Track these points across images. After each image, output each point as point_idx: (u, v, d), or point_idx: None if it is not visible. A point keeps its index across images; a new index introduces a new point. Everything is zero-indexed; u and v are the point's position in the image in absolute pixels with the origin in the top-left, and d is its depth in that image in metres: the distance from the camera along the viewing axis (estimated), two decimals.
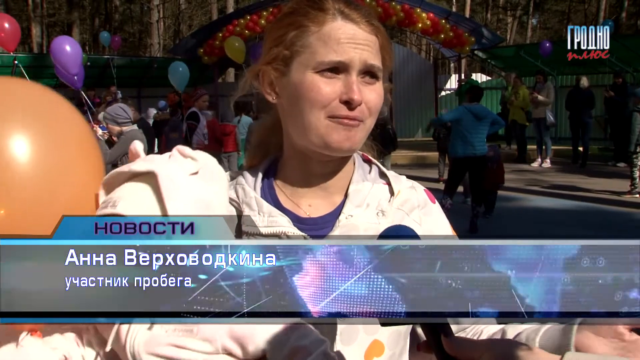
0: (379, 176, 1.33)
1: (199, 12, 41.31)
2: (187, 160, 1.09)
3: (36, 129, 1.08)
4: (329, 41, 1.16)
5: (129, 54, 36.17)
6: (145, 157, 1.12)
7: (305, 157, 1.25)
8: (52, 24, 39.72)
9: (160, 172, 1.05)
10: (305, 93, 1.17)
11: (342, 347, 1.17)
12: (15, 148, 1.05)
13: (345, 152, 1.20)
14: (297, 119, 1.20)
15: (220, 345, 1.04)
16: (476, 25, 22.07)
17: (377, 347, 1.19)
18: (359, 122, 1.17)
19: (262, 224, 1.21)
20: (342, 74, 1.16)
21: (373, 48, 1.19)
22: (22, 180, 1.05)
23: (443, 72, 27.69)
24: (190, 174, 1.08)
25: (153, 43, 35.29)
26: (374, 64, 1.18)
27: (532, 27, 45.08)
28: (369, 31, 1.19)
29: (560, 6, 43.95)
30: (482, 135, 8.44)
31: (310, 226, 1.24)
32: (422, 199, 1.32)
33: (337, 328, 1.17)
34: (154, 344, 1.06)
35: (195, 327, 1.04)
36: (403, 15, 18.67)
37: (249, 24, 19.57)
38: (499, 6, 44.30)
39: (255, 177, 1.31)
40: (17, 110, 1.08)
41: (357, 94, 1.14)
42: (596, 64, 16.79)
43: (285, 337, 1.02)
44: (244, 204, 1.25)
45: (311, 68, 1.17)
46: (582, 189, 11.84)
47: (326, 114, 1.16)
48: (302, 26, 1.19)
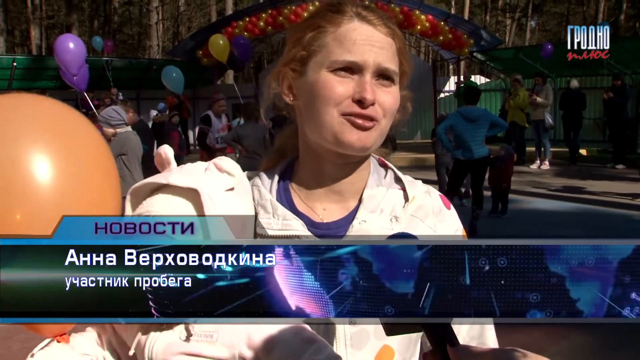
0: (394, 181, 1.32)
1: (197, 14, 41.35)
2: (224, 176, 1.08)
3: (56, 147, 1.09)
4: (345, 41, 1.17)
5: (127, 55, 36.19)
6: (182, 170, 1.10)
7: (319, 159, 1.25)
8: (51, 25, 39.72)
9: (202, 190, 1.03)
10: (319, 91, 1.17)
11: (352, 351, 1.17)
12: (35, 165, 1.06)
13: (358, 151, 1.19)
14: (312, 117, 1.20)
15: (238, 353, 1.04)
16: (475, 27, 22.09)
17: (388, 352, 1.19)
18: (373, 123, 1.17)
19: (277, 226, 1.22)
20: (357, 74, 1.16)
21: (389, 51, 1.19)
22: (41, 197, 1.06)
23: (442, 74, 27.74)
24: (226, 190, 1.07)
25: (152, 45, 35.29)
26: (388, 67, 1.18)
27: (531, 29, 45.13)
28: (385, 33, 1.19)
29: (559, 8, 44.00)
30: (478, 138, 8.39)
31: (324, 231, 1.24)
32: (437, 205, 1.31)
33: (347, 332, 1.18)
34: (169, 352, 1.06)
35: (215, 333, 1.04)
36: (402, 17, 18.67)
37: (247, 25, 19.57)
38: (497, 8, 44.37)
39: (272, 179, 1.31)
40: (38, 127, 1.09)
41: (370, 93, 1.14)
42: (595, 66, 16.81)
43: (301, 350, 1.02)
44: (259, 206, 1.25)
45: (326, 67, 1.17)
46: (581, 191, 11.84)
47: (339, 111, 1.16)
48: (319, 27, 1.21)
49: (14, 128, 1.08)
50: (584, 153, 17.99)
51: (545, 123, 15.03)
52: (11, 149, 1.05)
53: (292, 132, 1.35)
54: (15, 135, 1.07)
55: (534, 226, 8.99)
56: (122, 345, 1.14)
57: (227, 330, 1.05)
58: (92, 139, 1.19)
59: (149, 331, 1.09)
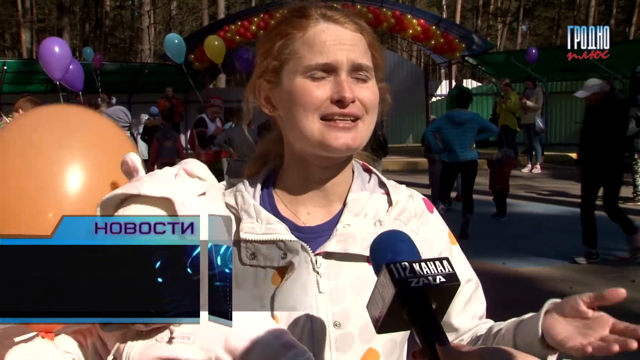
0: (378, 186, 1.33)
1: (190, 18, 41.32)
2: (195, 181, 1.07)
3: (90, 156, 1.17)
4: (315, 44, 1.17)
5: (119, 59, 36.08)
6: (152, 178, 1.08)
7: (305, 163, 1.25)
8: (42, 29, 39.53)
9: (176, 199, 1.02)
10: (297, 98, 1.17)
11: (337, 354, 1.17)
12: (70, 175, 1.13)
13: (344, 152, 1.19)
14: (294, 126, 1.20)
15: (214, 355, 1.03)
16: (467, 31, 22.18)
17: (373, 355, 1.19)
18: (356, 121, 1.17)
19: (260, 231, 1.21)
20: (332, 75, 1.17)
21: (360, 46, 1.20)
22: (73, 204, 1.11)
23: (434, 78, 27.77)
24: (198, 195, 1.07)
25: (144, 49, 35.19)
26: (361, 62, 1.18)
27: (522, 33, 45.36)
28: (353, 30, 1.20)
29: (550, 13, 44.25)
30: (463, 142, 8.41)
31: (308, 235, 1.24)
32: (420, 208, 1.32)
33: (332, 335, 1.18)
34: (145, 356, 1.05)
35: (192, 334, 1.04)
36: (394, 22, 18.72)
37: (239, 29, 19.57)
38: (489, 13, 44.55)
39: (255, 185, 1.31)
40: (73, 137, 1.19)
41: (348, 92, 1.15)
42: (586, 70, 16.89)
43: (278, 354, 1.02)
44: (242, 211, 1.25)
45: (300, 73, 1.18)
46: (572, 195, 11.86)
47: (320, 116, 1.16)
48: (287, 34, 1.21)
49: (53, 137, 1.18)
50: (575, 157, 18.04)
51: (536, 127, 15.09)
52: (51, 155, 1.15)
53: (275, 138, 1.34)
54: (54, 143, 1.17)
55: (524, 230, 9.01)
56: (104, 349, 1.14)
57: (204, 332, 1.03)
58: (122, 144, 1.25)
59: (127, 340, 1.07)
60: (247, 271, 1.21)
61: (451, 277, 0.86)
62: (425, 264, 0.86)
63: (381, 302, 0.85)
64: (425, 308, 0.84)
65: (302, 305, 1.18)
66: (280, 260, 1.20)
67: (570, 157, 17.35)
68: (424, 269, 0.85)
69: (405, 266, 0.85)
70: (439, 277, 0.85)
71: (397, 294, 0.82)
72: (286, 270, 1.19)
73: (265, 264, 1.20)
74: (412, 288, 0.83)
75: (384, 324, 0.87)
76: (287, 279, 1.18)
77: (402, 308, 0.84)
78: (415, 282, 0.83)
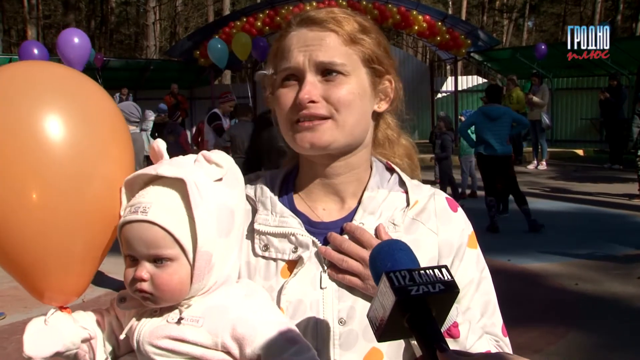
0: (398, 184, 1.32)
1: (195, 14, 41.36)
2: (212, 167, 1.10)
3: (68, 108, 1.08)
4: (284, 52, 1.22)
5: (125, 56, 36.14)
6: (172, 161, 1.12)
7: (310, 162, 1.27)
8: (48, 25, 39.67)
9: (189, 180, 1.06)
10: (276, 106, 1.23)
11: (340, 352, 1.17)
12: (49, 128, 1.04)
13: (309, 150, 1.20)
14: (280, 131, 1.25)
15: (221, 341, 1.06)
16: (472, 27, 22.12)
17: (376, 355, 1.18)
18: (322, 120, 1.18)
19: (273, 223, 1.24)
20: (301, 79, 1.19)
21: (326, 45, 1.19)
22: (57, 159, 1.05)
23: (439, 75, 27.73)
24: (215, 180, 1.09)
25: (149, 45, 35.21)
26: (325, 60, 1.18)
27: (528, 29, 45.25)
28: (319, 30, 1.20)
29: (556, 9, 44.09)
30: (498, 136, 8.54)
31: (321, 230, 1.25)
32: (441, 208, 1.30)
33: (337, 332, 1.18)
34: (155, 335, 1.08)
35: (202, 318, 1.07)
36: (399, 18, 18.68)
37: (245, 26, 19.55)
38: (495, 9, 44.42)
39: (276, 178, 1.33)
40: (46, 90, 1.08)
41: (305, 93, 1.16)
42: (592, 67, 16.84)
43: (282, 348, 1.04)
44: (259, 203, 1.27)
45: (278, 82, 1.23)
46: (577, 192, 11.86)
47: (290, 120, 1.20)
48: (274, 48, 1.27)
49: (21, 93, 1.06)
50: (581, 153, 18.02)
51: (542, 123, 15.06)
52: (20, 112, 1.04)
53: None
54: (24, 98, 1.05)
55: None
56: (120, 330, 1.17)
57: (213, 317, 1.07)
58: (101, 98, 1.16)
59: (142, 317, 1.12)
60: (259, 262, 1.24)
61: (450, 285, 0.87)
62: (425, 272, 0.87)
63: (382, 310, 0.86)
64: (425, 315, 0.85)
65: (309, 300, 1.19)
66: (291, 254, 1.21)
67: (576, 154, 17.33)
68: (424, 277, 0.86)
69: (404, 274, 0.86)
70: (438, 284, 0.86)
71: (397, 302, 0.83)
72: (296, 264, 1.20)
73: (277, 256, 1.22)
74: (412, 296, 0.84)
75: (385, 332, 0.87)
76: (296, 274, 1.20)
77: (402, 316, 0.85)
78: (415, 290, 0.84)
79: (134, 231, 1.06)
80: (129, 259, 1.09)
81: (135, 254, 1.07)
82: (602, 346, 4.90)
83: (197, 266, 1.06)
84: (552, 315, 5.52)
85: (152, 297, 1.07)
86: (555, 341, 4.95)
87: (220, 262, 1.09)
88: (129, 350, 1.16)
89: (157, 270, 1.06)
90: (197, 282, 1.07)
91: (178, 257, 1.06)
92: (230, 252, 1.12)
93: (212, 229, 1.06)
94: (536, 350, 4.69)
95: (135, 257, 1.08)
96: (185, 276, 1.07)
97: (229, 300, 1.10)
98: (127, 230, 1.08)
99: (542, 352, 4.71)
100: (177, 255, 1.06)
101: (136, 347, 1.10)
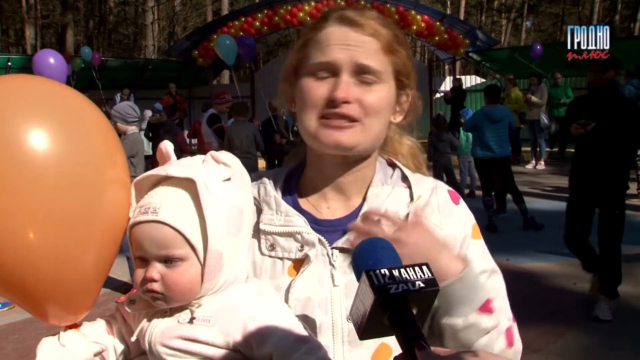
0: (401, 179, 1.33)
1: (193, 14, 41.35)
2: (221, 167, 1.10)
3: (53, 121, 1.03)
4: (321, 45, 1.21)
5: (123, 55, 36.12)
6: (180, 162, 1.13)
7: (320, 160, 1.28)
8: (46, 25, 39.64)
9: (198, 180, 1.06)
10: (301, 97, 1.22)
11: (349, 348, 1.18)
12: (34, 142, 0.99)
13: (339, 151, 1.21)
14: (301, 122, 1.24)
15: (232, 340, 1.06)
16: (471, 27, 22.13)
17: (385, 350, 1.18)
18: (352, 122, 1.18)
19: (279, 222, 1.24)
20: (335, 76, 1.19)
21: (367, 48, 1.20)
22: (45, 173, 1.00)
23: (438, 74, 27.75)
24: (224, 180, 1.10)
25: (147, 45, 35.21)
26: (364, 63, 1.19)
27: (527, 29, 45.28)
28: (362, 32, 1.21)
29: (555, 9, 44.14)
30: (498, 137, 8.56)
31: (326, 227, 1.26)
32: (443, 201, 1.31)
33: (345, 329, 1.18)
34: (166, 335, 1.09)
35: (213, 318, 1.08)
36: (398, 18, 18.68)
37: (243, 25, 19.56)
38: (493, 9, 44.47)
39: (279, 178, 1.34)
40: (30, 105, 1.02)
41: (342, 92, 1.17)
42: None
43: (293, 347, 1.05)
44: (263, 203, 1.28)
45: (308, 73, 1.22)
46: None
47: (317, 114, 1.19)
48: (305, 37, 1.26)
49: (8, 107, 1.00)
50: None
51: (540, 123, 15.06)
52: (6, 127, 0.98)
53: None
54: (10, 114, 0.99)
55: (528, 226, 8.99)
56: (129, 334, 1.17)
57: (224, 317, 1.07)
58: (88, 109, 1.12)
59: (153, 318, 1.12)
60: (265, 262, 1.24)
61: (430, 282, 0.87)
62: (405, 270, 0.87)
63: (362, 308, 0.86)
64: (405, 313, 0.85)
65: (317, 297, 1.19)
66: (297, 253, 1.22)
67: None
68: (404, 275, 0.86)
69: (384, 273, 0.86)
70: (418, 282, 0.86)
71: (376, 300, 0.83)
72: (302, 263, 1.21)
73: (283, 255, 1.23)
74: (392, 294, 0.84)
75: (367, 330, 0.87)
76: (303, 272, 1.20)
77: (383, 314, 0.85)
78: (395, 288, 0.84)
79: (145, 232, 1.07)
80: (138, 259, 1.09)
81: (146, 255, 1.07)
82: (601, 346, 4.90)
83: (208, 265, 1.06)
84: (551, 315, 5.52)
85: (163, 297, 1.07)
86: (554, 341, 4.96)
87: (230, 261, 1.10)
88: (140, 352, 1.17)
89: (168, 270, 1.06)
90: (207, 281, 1.08)
91: (189, 257, 1.06)
92: (239, 251, 1.12)
93: (222, 228, 1.07)
94: (535, 349, 4.69)
95: (146, 257, 1.08)
96: (196, 276, 1.07)
97: (239, 299, 1.10)
98: (138, 231, 1.08)
99: (542, 351, 4.72)
100: (188, 255, 1.06)
101: (148, 348, 1.11)
